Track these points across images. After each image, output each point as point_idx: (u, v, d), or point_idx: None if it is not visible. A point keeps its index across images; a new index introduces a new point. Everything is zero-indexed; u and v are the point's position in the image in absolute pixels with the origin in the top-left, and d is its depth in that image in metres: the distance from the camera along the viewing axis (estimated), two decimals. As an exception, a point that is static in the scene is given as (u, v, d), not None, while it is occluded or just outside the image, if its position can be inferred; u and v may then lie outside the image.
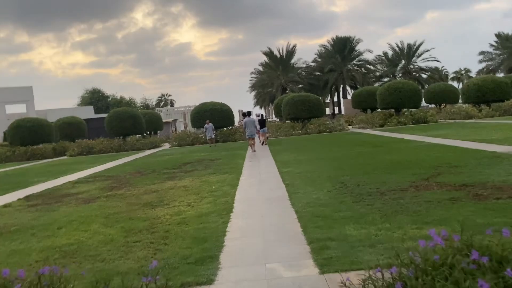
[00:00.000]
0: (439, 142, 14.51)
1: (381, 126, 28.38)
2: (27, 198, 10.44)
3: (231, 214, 6.75)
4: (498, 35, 52.52)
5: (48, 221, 7.49)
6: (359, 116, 33.00)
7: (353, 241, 4.80)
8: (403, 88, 28.92)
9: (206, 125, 25.13)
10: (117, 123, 28.59)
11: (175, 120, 45.03)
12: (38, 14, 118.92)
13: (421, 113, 28.58)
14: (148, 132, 37.64)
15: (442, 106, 38.09)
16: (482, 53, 53.60)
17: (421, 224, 5.19)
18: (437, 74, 51.20)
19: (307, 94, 30.46)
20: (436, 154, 11.49)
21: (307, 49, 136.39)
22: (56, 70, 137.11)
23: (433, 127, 23.68)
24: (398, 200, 6.55)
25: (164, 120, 41.75)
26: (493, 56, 53.28)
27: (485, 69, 54.21)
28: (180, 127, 45.90)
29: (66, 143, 30.37)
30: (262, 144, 22.99)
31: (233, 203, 7.59)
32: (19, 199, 10.31)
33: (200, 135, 29.20)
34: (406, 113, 29.43)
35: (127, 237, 5.95)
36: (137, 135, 32.52)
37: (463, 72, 78.23)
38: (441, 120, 28.61)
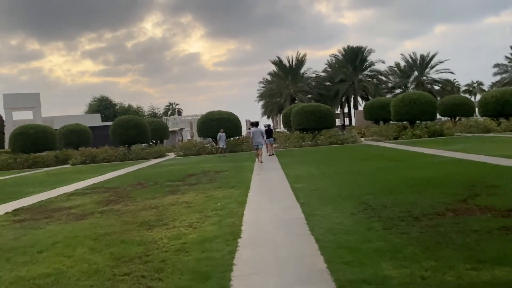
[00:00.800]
0: (464, 157, 13.43)
1: (395, 138, 27.29)
2: (16, 212, 9.53)
3: (238, 240, 5.76)
4: (513, 48, 51.43)
5: (29, 242, 6.55)
6: (372, 128, 31.96)
7: (394, 285, 3.79)
8: (419, 100, 27.85)
9: (220, 133, 24.11)
10: (122, 131, 27.80)
11: (181, 129, 44.24)
12: (49, 22, 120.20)
13: (437, 126, 27.45)
14: (154, 141, 36.90)
15: (456, 119, 36.91)
16: (497, 65, 52.45)
17: (476, 263, 4.17)
18: (450, 86, 49.99)
19: (318, 104, 29.50)
20: (465, 171, 10.43)
21: (315, 60, 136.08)
22: (66, 78, 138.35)
23: (452, 140, 22.55)
24: (437, 228, 5.52)
25: (170, 129, 41.00)
26: (509, 68, 52.02)
27: (499, 82, 52.86)
28: (187, 136, 45.10)
29: (69, 151, 29.61)
30: (269, 155, 22.26)
31: (241, 225, 6.60)
32: (6, 213, 9.41)
33: (206, 145, 28.32)
34: (420, 126, 28.31)
35: (115, 268, 4.98)
36: (143, 144, 31.80)
37: (475, 85, 76.89)
38: (458, 134, 27.45)
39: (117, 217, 8.13)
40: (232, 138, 27.96)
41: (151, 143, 36.24)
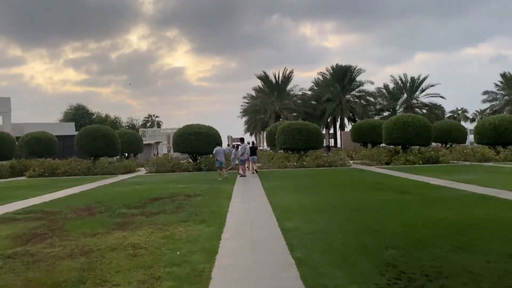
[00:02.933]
0: (485, 192, 11.20)
1: (387, 163, 25.20)
2: None
3: None
4: (503, 75, 50.56)
5: None
6: (362, 150, 29.86)
7: None
8: (413, 123, 25.93)
9: (223, 148, 20.90)
10: (87, 142, 24.93)
11: (158, 143, 41.38)
12: (32, 29, 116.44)
13: (432, 152, 25.49)
14: (127, 154, 34.00)
15: (448, 146, 35.25)
16: (486, 92, 51.53)
17: None
18: (440, 111, 48.68)
19: (305, 123, 27.27)
20: (503, 214, 8.14)
21: (300, 81, 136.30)
22: (47, 86, 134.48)
23: (452, 169, 20.50)
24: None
25: (145, 142, 38.16)
26: (498, 96, 51.21)
27: (489, 109, 51.90)
28: (163, 150, 42.23)
29: (27, 162, 26.48)
30: (252, 173, 20.54)
31: (206, 303, 4.07)
32: None
33: (182, 161, 25.64)
34: (414, 151, 26.34)
35: None
36: (112, 157, 28.93)
37: (459, 111, 76.52)
38: (454, 162, 25.54)
39: (25, 268, 5.49)
40: (211, 155, 25.36)
41: (125, 156, 33.40)
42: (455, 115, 76.21)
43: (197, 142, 22.69)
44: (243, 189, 14.25)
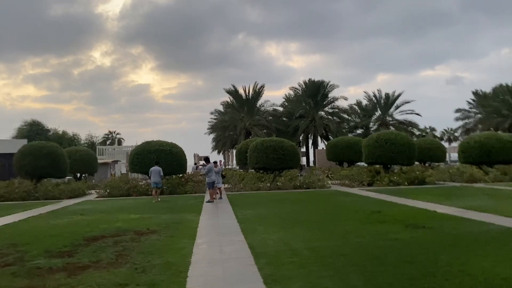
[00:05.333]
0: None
1: (369, 184, 22.96)
2: None
3: None
4: (475, 93, 50.33)
5: None
6: (341, 170, 27.55)
7: None
8: (396, 141, 23.91)
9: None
10: (29, 161, 21.32)
11: (115, 162, 37.66)
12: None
13: (417, 172, 23.47)
14: (79, 175, 30.23)
15: (428, 164, 33.64)
16: (458, 110, 51.02)
17: None
18: (415, 129, 47.49)
19: (280, 139, 24.72)
20: None
21: (267, 99, 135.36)
22: (5, 102, 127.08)
23: (444, 192, 18.40)
24: None
25: (101, 161, 34.46)
26: (470, 114, 50.76)
27: (460, 128, 51.33)
28: (122, 169, 38.53)
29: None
30: (219, 198, 17.57)
31: None
32: None
33: (140, 182, 22.38)
34: (398, 171, 24.27)
35: None
36: (62, 178, 25.28)
37: (428, 130, 76.64)
38: (440, 182, 23.58)
39: None
40: (174, 176, 22.29)
41: (78, 177, 29.64)
42: (424, 134, 76.20)
43: (158, 162, 19.56)
44: (211, 222, 11.35)
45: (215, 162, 19.06)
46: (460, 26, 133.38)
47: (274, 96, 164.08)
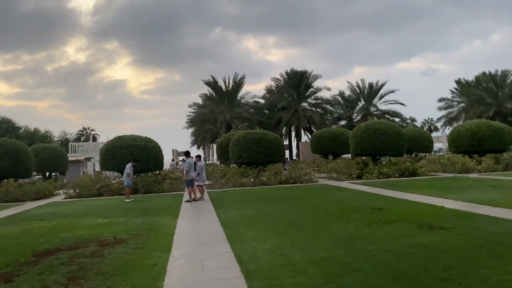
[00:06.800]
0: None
1: (359, 177, 21.73)
2: None
3: None
4: (458, 82, 49.82)
5: None
6: (328, 163, 26.25)
7: None
8: (385, 131, 22.75)
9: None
10: (-13, 160, 19.24)
11: (88, 159, 35.47)
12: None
13: (407, 163, 22.36)
14: (48, 174, 28.10)
15: (414, 155, 32.75)
16: (442, 99, 50.44)
17: None
18: (399, 119, 46.69)
19: (264, 132, 23.26)
20: None
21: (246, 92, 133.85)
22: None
23: (441, 183, 17.29)
24: None
25: (73, 159, 32.29)
26: (454, 103, 50.27)
27: (445, 117, 50.75)
28: (96, 167, 36.37)
29: None
30: (200, 198, 15.38)
31: None
32: None
33: (113, 181, 20.55)
34: (388, 163, 23.12)
35: None
36: (28, 178, 23.22)
37: (408, 120, 76.50)
38: (433, 173, 22.54)
39: None
40: (149, 173, 20.53)
41: (46, 176, 27.52)
42: (404, 124, 76.04)
43: (131, 158, 17.83)
44: (190, 227, 9.77)
45: (198, 156, 16.99)
46: (433, 19, 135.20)
47: (253, 90, 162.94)
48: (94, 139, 64.93)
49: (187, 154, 16.55)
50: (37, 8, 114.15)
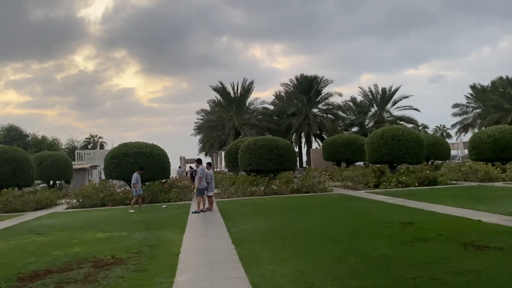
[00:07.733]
0: None
1: (376, 186, 20.56)
2: None
3: None
4: (473, 87, 48.41)
5: None
6: (344, 171, 25.11)
7: None
8: (403, 137, 21.65)
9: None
10: (-13, 168, 18.46)
11: (94, 167, 34.71)
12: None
13: (427, 172, 21.17)
14: (52, 182, 27.36)
15: (431, 162, 31.50)
16: (456, 105, 48.98)
17: None
18: (415, 125, 45.28)
19: (275, 138, 22.27)
20: None
21: (255, 98, 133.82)
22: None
23: (466, 193, 16.10)
24: None
25: (78, 167, 31.53)
26: (469, 109, 48.79)
27: (460, 123, 49.20)
28: (101, 175, 35.54)
29: None
30: (208, 209, 14.40)
31: None
32: None
33: (118, 190, 19.65)
34: (406, 171, 21.93)
35: None
36: (31, 187, 22.50)
37: (420, 127, 74.96)
38: (453, 182, 21.30)
39: None
40: (156, 182, 19.58)
41: (51, 185, 26.77)
42: (417, 131, 74.61)
43: (137, 166, 16.92)
44: (198, 244, 8.73)
45: (208, 164, 15.92)
46: (441, 26, 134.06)
47: (260, 97, 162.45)
48: (102, 146, 64.45)
49: (198, 161, 15.50)
50: (46, 18, 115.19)
